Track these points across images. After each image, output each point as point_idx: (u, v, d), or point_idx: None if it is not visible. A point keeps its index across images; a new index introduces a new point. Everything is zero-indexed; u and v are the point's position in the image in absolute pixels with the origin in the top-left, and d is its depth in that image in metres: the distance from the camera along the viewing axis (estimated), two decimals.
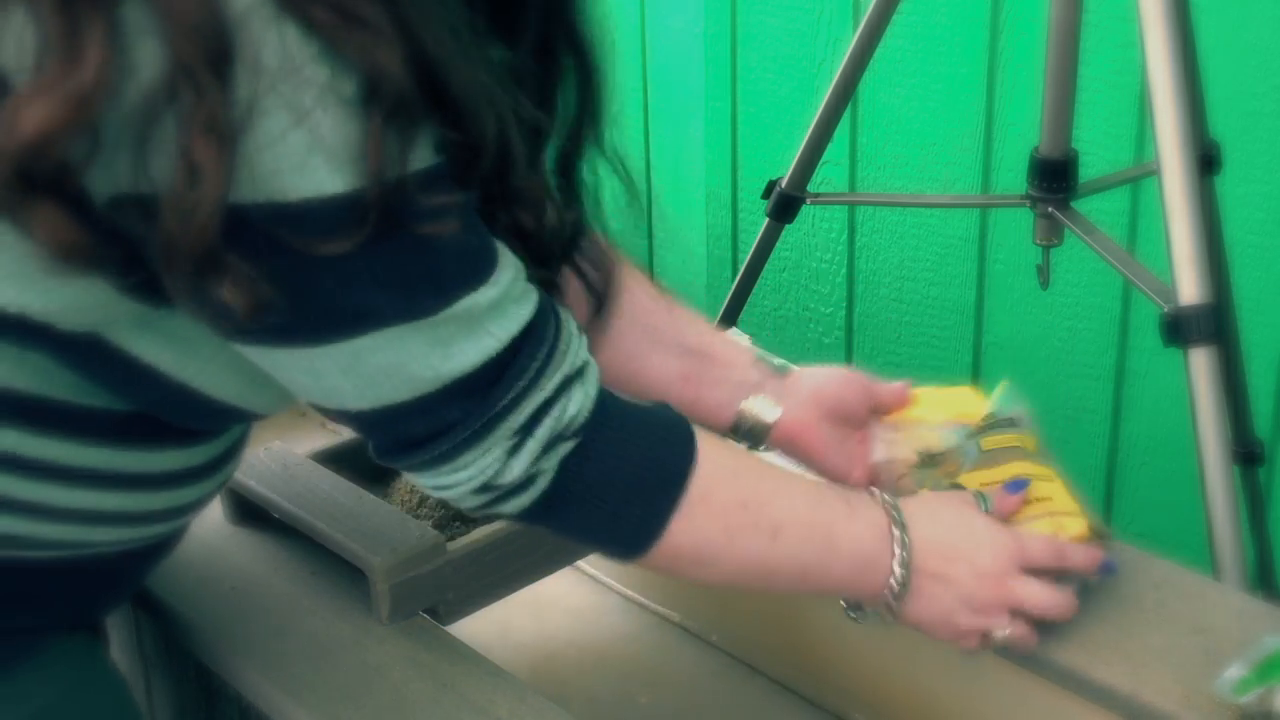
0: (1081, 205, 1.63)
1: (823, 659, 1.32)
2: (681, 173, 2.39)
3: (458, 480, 0.89)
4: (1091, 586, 1.16)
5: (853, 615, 1.08)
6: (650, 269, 2.49)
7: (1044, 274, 1.71)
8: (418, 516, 1.28)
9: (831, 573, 1.01)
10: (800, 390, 1.17)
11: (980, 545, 1.03)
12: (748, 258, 1.92)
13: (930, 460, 1.25)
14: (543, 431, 0.89)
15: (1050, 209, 1.62)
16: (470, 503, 0.91)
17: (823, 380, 1.19)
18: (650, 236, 2.48)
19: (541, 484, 0.90)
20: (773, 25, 2.17)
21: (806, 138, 1.79)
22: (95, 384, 0.87)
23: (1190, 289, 1.39)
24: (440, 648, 1.15)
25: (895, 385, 1.21)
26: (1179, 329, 1.39)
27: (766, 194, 1.85)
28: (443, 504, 1.31)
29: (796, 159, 1.81)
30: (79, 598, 1.00)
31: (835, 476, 1.16)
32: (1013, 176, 1.91)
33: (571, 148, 0.98)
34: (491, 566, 1.21)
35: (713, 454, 0.95)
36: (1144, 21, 1.40)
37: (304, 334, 0.82)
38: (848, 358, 2.24)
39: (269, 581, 1.23)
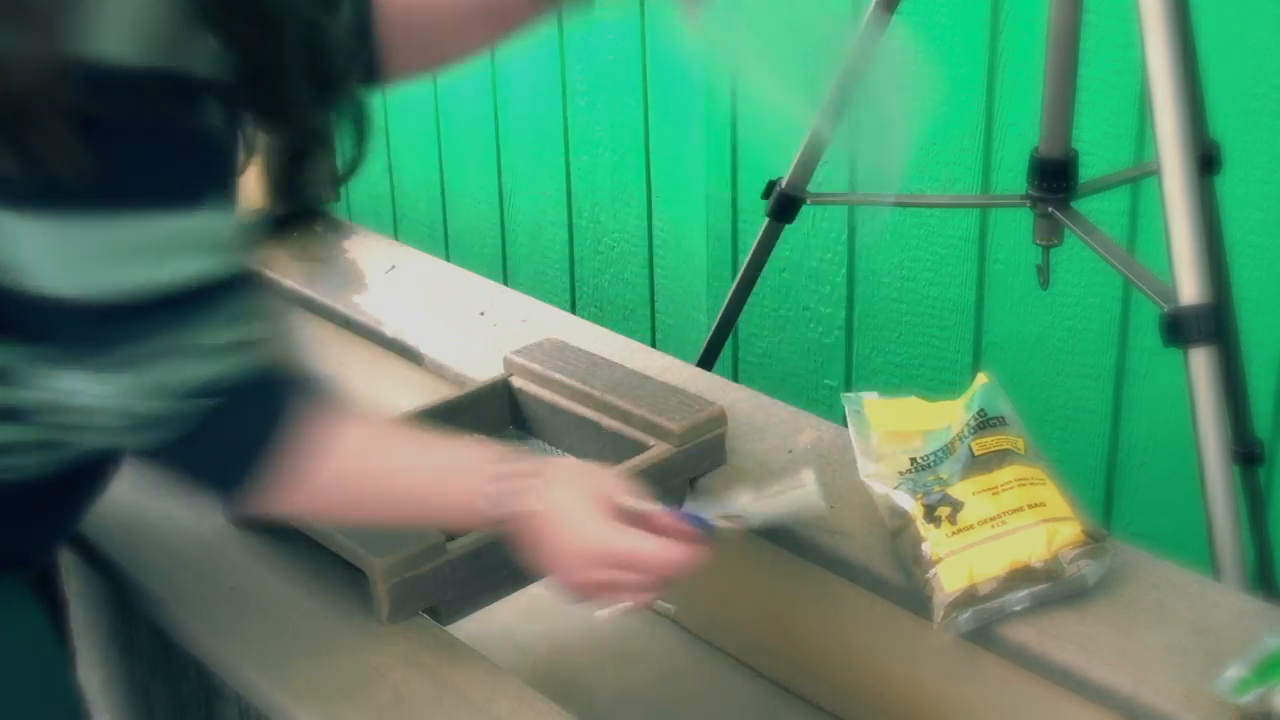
0: (1081, 205, 1.63)
1: (823, 659, 1.32)
2: (681, 173, 2.39)
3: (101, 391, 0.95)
4: (1091, 587, 1.16)
5: None
6: (650, 269, 2.49)
7: (1044, 274, 1.71)
8: None
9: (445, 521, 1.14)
10: None
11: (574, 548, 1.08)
12: (748, 258, 1.91)
13: (919, 468, 1.25)
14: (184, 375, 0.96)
15: (1050, 209, 1.62)
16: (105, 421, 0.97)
17: None
18: (650, 237, 2.48)
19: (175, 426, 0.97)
20: None
21: (806, 138, 1.79)
22: None
23: (1190, 289, 1.39)
24: (440, 648, 1.15)
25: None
26: (1179, 329, 1.39)
27: (766, 194, 1.85)
28: None
29: (796, 159, 1.81)
30: None
31: None
32: (1013, 176, 1.90)
33: None
34: (491, 566, 1.21)
35: (348, 436, 1.04)
36: (1144, 21, 1.40)
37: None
38: (848, 358, 2.24)
39: (269, 581, 1.23)
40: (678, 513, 1.12)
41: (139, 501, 1.31)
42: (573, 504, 1.08)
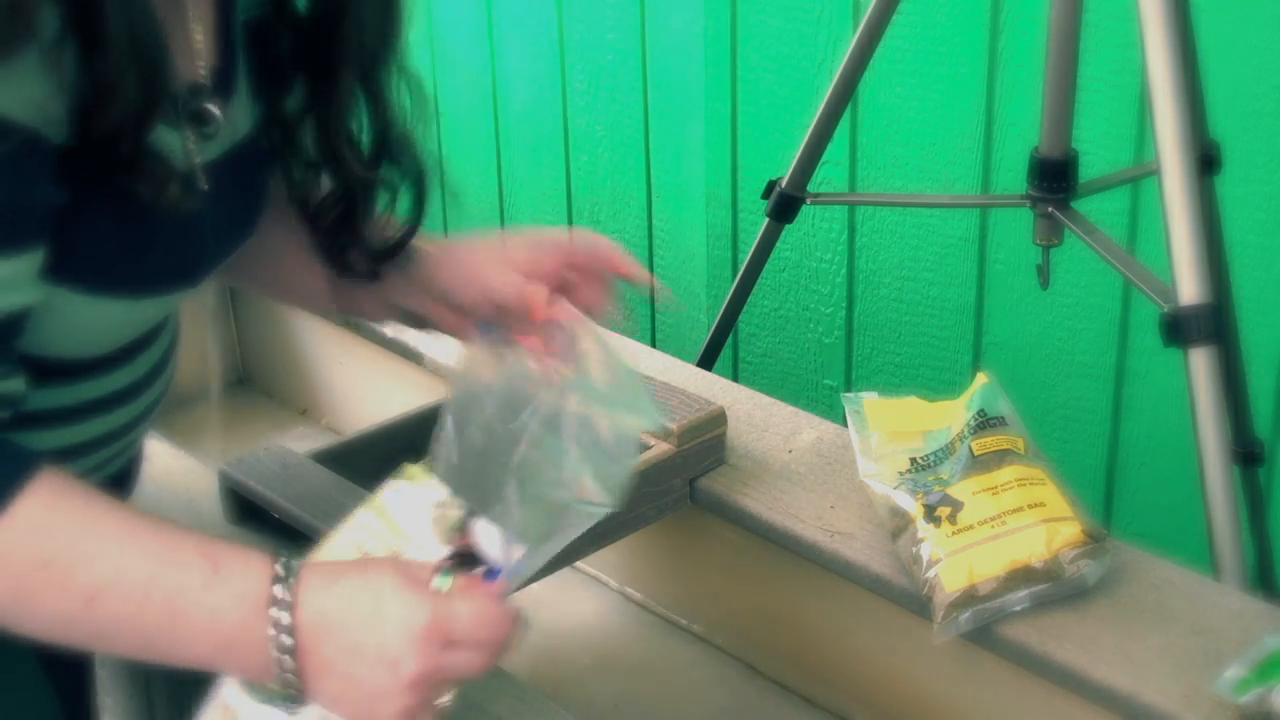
0: (1081, 205, 1.63)
1: (823, 659, 1.32)
2: (681, 173, 2.39)
3: None
4: (1091, 587, 1.16)
5: (253, 695, 0.91)
6: (650, 269, 2.49)
7: (1044, 274, 1.71)
8: None
9: (189, 649, 0.88)
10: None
11: (386, 627, 0.87)
12: (748, 258, 1.91)
13: (919, 468, 1.25)
14: None
15: (1050, 209, 1.62)
16: None
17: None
18: (650, 236, 2.48)
19: None
20: (773, 25, 2.17)
21: (806, 138, 1.79)
22: None
23: (1190, 289, 1.39)
24: None
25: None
26: (1179, 329, 1.39)
27: (766, 194, 1.85)
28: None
29: (796, 159, 1.81)
30: None
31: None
32: (1013, 176, 1.91)
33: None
34: None
35: (28, 507, 0.85)
36: (1144, 21, 1.40)
37: None
38: (848, 358, 2.24)
39: None
40: (486, 576, 0.95)
41: (138, 500, 1.31)
42: (368, 592, 0.87)
